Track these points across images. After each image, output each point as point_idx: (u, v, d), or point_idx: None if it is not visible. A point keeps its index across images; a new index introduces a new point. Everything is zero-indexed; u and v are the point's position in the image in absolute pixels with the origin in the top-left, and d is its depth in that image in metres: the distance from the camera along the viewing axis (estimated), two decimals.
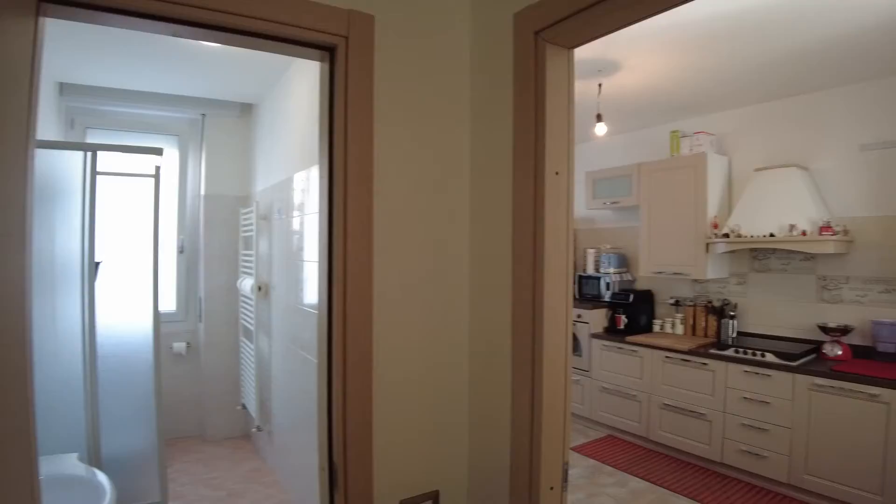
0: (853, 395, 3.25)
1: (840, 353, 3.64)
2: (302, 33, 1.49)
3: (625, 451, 4.44)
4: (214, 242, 4.49)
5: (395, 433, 1.67)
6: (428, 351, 1.74)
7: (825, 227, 3.60)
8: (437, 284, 1.76)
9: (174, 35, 1.45)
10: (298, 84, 3.32)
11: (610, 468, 4.09)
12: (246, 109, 4.59)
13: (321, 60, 1.66)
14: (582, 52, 1.78)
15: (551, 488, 1.54)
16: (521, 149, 1.57)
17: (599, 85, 3.76)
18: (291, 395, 3.33)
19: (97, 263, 2.72)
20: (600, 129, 3.81)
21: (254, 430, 4.04)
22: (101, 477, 2.34)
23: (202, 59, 3.48)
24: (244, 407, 4.33)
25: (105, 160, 2.73)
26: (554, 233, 1.54)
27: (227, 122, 4.57)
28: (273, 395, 3.74)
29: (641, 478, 3.91)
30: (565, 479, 1.59)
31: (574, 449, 4.43)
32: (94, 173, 2.68)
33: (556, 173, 1.54)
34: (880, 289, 3.67)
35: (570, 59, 1.59)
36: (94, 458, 2.69)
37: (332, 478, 1.62)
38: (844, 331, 3.68)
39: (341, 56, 1.55)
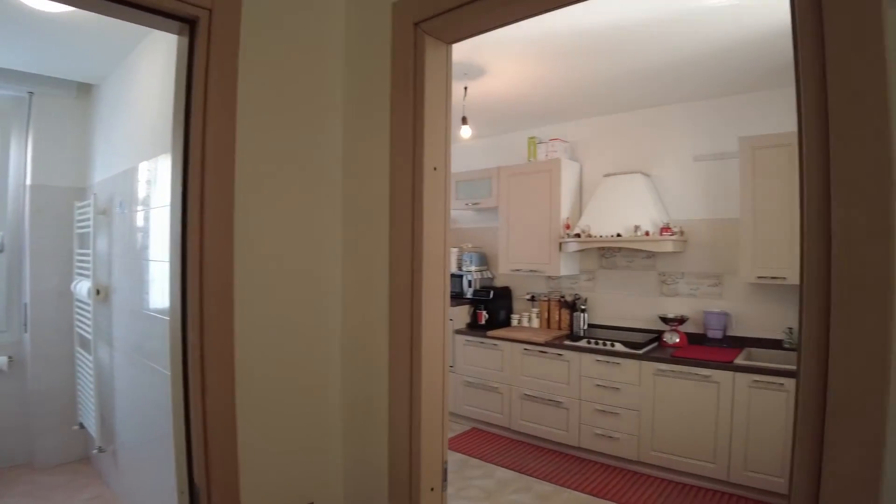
0: (690, 377, 3.66)
1: (678, 340, 4.07)
2: (160, 1, 1.32)
3: (490, 442, 4.60)
4: (43, 240, 3.88)
5: (263, 446, 1.54)
6: (297, 355, 1.64)
7: (665, 228, 4.02)
8: (307, 283, 1.66)
9: None
10: (148, 63, 2.97)
11: (476, 460, 4.21)
12: (84, 89, 3.99)
13: (179, 34, 1.48)
14: None
15: (432, 489, 1.52)
16: (398, 142, 1.53)
17: (465, 88, 3.84)
18: (139, 410, 2.98)
19: None
20: (465, 131, 3.90)
21: (94, 451, 3.54)
22: None
23: (32, 26, 2.90)
24: (82, 426, 3.79)
25: None
26: (433, 229, 1.52)
27: (60, 103, 3.94)
28: (117, 410, 3.32)
29: (507, 467, 4.08)
30: (445, 479, 1.58)
31: None
32: None
33: (435, 168, 1.52)
34: (710, 283, 4.17)
35: (448, 54, 1.58)
36: None
37: (193, 501, 1.45)
38: (681, 321, 4.13)
39: (203, 29, 1.41)
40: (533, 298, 5.16)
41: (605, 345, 4.12)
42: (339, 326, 1.74)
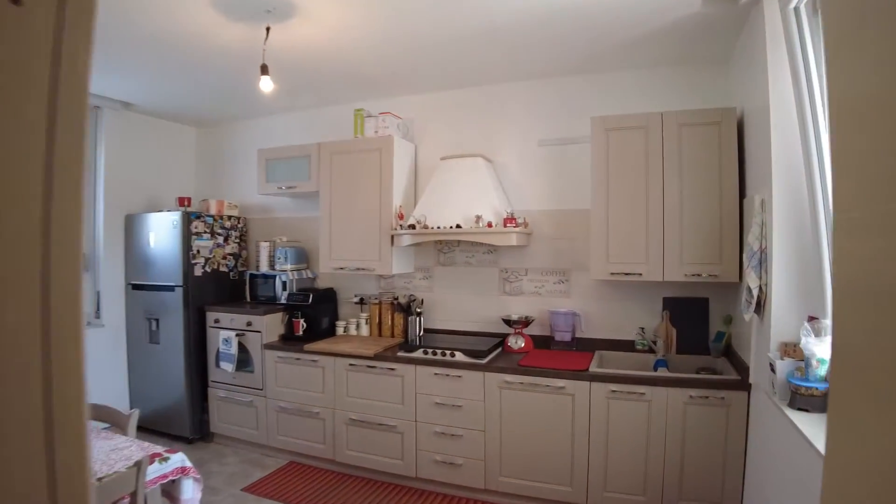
0: (541, 390, 3.17)
1: (523, 344, 3.59)
2: None
3: (311, 479, 3.75)
4: None
5: None
6: None
7: (509, 219, 3.48)
8: None
9: None
10: None
11: None
12: None
13: None
14: None
15: None
16: None
17: (267, 29, 2.93)
18: None
19: None
20: (265, 83, 2.99)
21: None
22: None
23: None
24: None
25: None
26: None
27: None
28: None
29: None
30: None
31: (249, 489, 3.54)
32: None
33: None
34: (555, 280, 3.74)
35: None
36: None
37: None
38: (526, 322, 3.65)
39: None
40: (362, 301, 4.39)
41: (443, 355, 3.48)
42: None
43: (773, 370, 2.37)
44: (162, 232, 4.42)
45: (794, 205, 2.42)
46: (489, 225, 3.49)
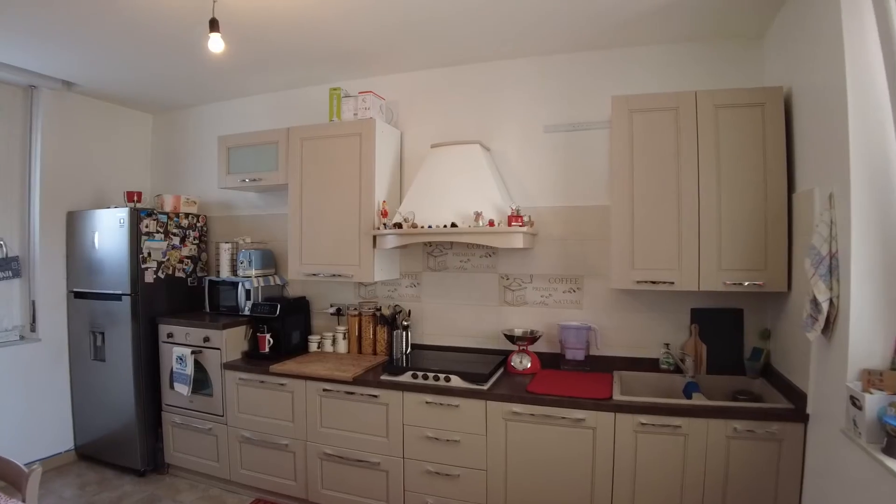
0: (556, 422, 2.63)
1: (529, 364, 3.06)
2: None
3: None
4: None
5: None
6: None
7: (515, 217, 2.93)
8: None
9: None
10: None
11: None
12: None
13: None
14: None
15: None
16: None
17: None
18: None
19: None
20: (215, 42, 2.41)
21: None
22: None
23: None
24: None
25: None
26: None
27: None
28: None
29: None
30: None
31: None
32: None
33: None
34: (565, 288, 3.22)
35: None
36: None
37: None
38: (532, 338, 3.12)
39: None
40: (339, 312, 3.82)
41: (436, 379, 2.93)
42: None
43: (856, 405, 1.88)
44: (107, 232, 3.81)
45: (879, 200, 1.92)
46: (490, 224, 2.94)
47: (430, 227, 3.09)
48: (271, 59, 3.43)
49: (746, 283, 2.63)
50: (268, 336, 3.55)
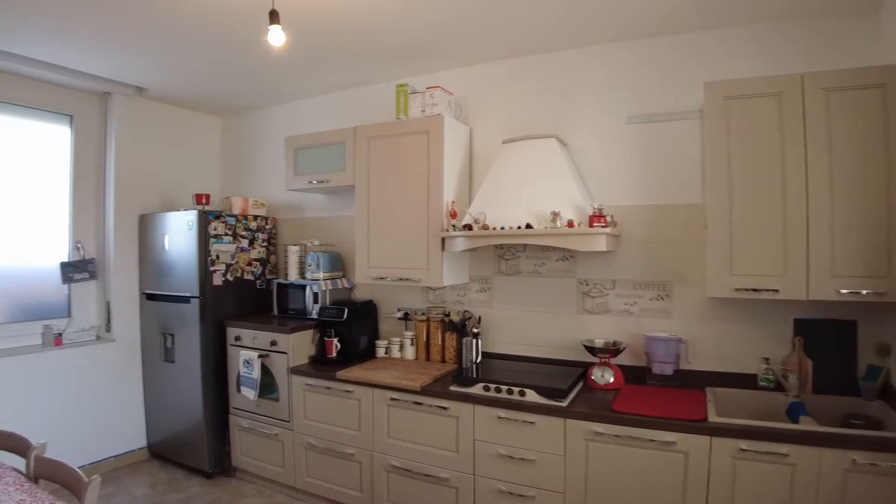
0: (642, 445, 2.37)
1: (612, 379, 2.81)
2: None
3: None
4: None
5: None
6: None
7: (597, 217, 2.69)
8: None
9: None
10: None
11: None
12: None
13: None
14: None
15: None
16: None
17: None
18: None
19: None
20: (276, 34, 2.30)
21: None
22: None
23: None
24: None
25: None
26: None
27: None
28: None
29: None
30: None
31: None
32: None
33: None
34: (651, 295, 2.95)
35: None
36: None
37: None
38: (616, 350, 2.86)
39: None
40: (406, 317, 3.68)
41: (509, 392, 2.73)
42: None
43: None
44: (177, 235, 3.82)
45: None
46: (569, 224, 2.71)
47: (502, 228, 2.90)
48: (334, 56, 3.33)
49: (865, 292, 2.29)
50: (335, 340, 3.45)
